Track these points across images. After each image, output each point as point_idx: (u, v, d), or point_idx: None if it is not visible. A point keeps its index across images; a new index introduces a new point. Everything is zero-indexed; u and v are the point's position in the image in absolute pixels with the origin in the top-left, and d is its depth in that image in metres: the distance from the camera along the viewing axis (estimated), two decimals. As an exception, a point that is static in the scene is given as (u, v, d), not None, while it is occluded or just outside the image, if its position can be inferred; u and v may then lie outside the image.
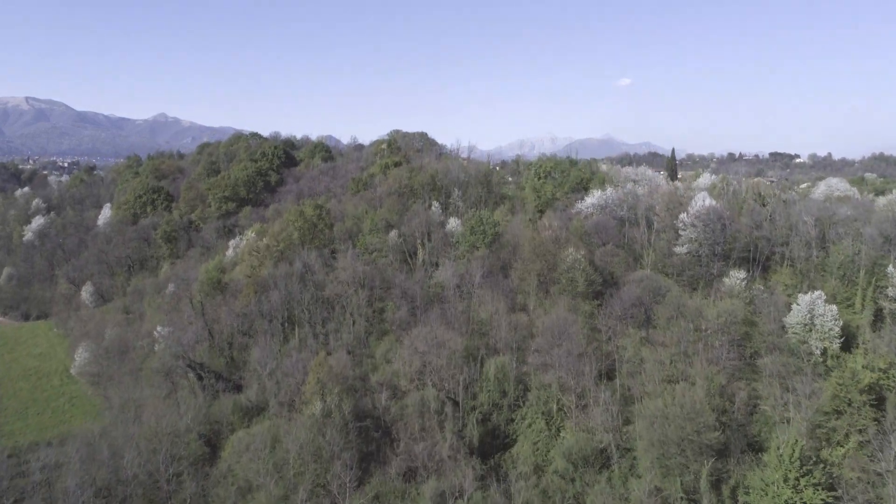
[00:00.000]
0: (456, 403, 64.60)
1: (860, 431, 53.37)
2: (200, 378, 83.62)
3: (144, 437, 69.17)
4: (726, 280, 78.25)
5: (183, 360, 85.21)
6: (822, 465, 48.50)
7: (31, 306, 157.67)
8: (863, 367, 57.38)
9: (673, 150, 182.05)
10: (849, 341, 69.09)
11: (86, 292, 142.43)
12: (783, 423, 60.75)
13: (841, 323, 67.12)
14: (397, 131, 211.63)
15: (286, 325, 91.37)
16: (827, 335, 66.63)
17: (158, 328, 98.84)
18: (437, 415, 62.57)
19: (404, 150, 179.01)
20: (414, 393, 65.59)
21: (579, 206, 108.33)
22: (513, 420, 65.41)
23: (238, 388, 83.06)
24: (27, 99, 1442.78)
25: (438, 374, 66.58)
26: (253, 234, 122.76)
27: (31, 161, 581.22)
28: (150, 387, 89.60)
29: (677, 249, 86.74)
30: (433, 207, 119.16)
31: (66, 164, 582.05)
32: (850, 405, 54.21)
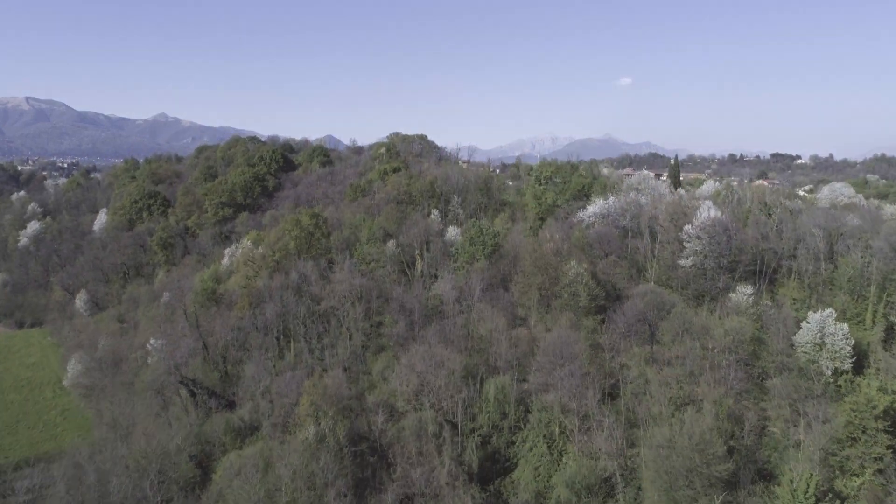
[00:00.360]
0: (454, 426, 62.45)
1: (876, 460, 51.26)
2: (193, 395, 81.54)
3: (134, 458, 67.14)
4: (733, 295, 76.01)
5: (175, 376, 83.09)
6: (837, 502, 46.31)
7: (25, 314, 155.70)
8: (878, 389, 55.29)
9: (676, 158, 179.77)
10: (860, 360, 66.97)
11: (80, 300, 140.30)
12: (794, 447, 58.73)
13: (852, 342, 64.94)
14: (396, 134, 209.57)
15: (281, 338, 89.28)
16: (838, 354, 64.46)
17: (151, 341, 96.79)
18: (434, 438, 60.45)
19: (403, 154, 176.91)
20: (411, 414, 63.44)
21: (581, 214, 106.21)
22: (513, 443, 63.25)
23: (231, 405, 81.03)
24: (27, 99, 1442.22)
25: (437, 395, 64.40)
26: (249, 243, 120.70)
27: (30, 162, 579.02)
28: (142, 402, 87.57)
29: (682, 262, 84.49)
30: (432, 215, 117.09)
31: (65, 165, 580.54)
32: (864, 432, 52.09)
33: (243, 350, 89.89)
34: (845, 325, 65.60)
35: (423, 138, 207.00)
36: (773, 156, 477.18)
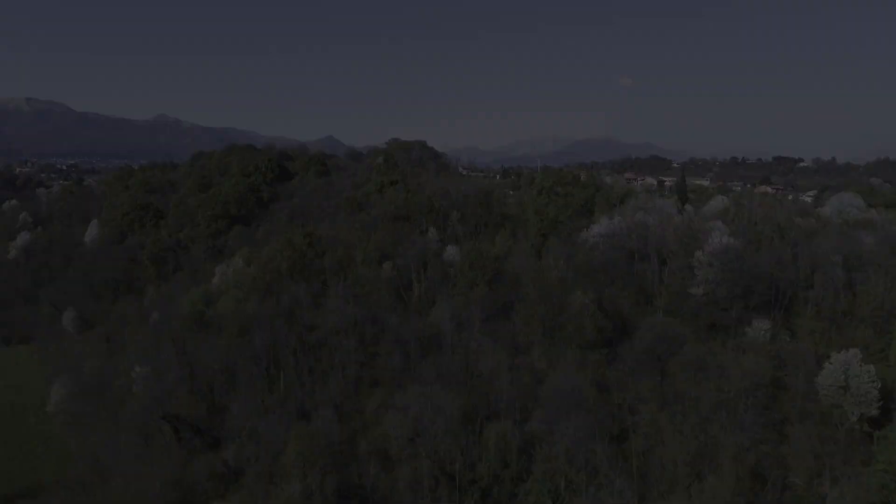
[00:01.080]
0: (452, 478, 58.13)
1: (911, 527, 46.97)
2: (177, 431, 77.26)
3: (110, 507, 63.14)
4: (748, 331, 71.56)
5: (159, 411, 78.82)
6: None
7: (12, 330, 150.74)
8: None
9: (683, 174, 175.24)
10: (886, 400, 62.57)
11: (67, 318, 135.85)
12: (818, 503, 54.51)
13: (879, 385, 60.59)
14: (395, 140, 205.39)
15: (271, 368, 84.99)
16: (864, 399, 60.09)
17: (136, 368, 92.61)
18: (430, 492, 56.14)
19: (401, 164, 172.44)
20: (406, 465, 59.10)
21: (585, 234, 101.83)
22: (515, 495, 58.96)
23: (216, 442, 76.70)
24: (27, 100, 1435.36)
25: (433, 441, 60.12)
26: (240, 261, 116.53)
27: (28, 164, 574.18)
28: (124, 436, 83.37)
29: (693, 290, 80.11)
30: (430, 233, 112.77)
31: (64, 168, 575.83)
32: (899, 495, 47.80)
33: (231, 381, 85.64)
34: (871, 367, 61.26)
35: (422, 145, 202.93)
36: (775, 159, 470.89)
